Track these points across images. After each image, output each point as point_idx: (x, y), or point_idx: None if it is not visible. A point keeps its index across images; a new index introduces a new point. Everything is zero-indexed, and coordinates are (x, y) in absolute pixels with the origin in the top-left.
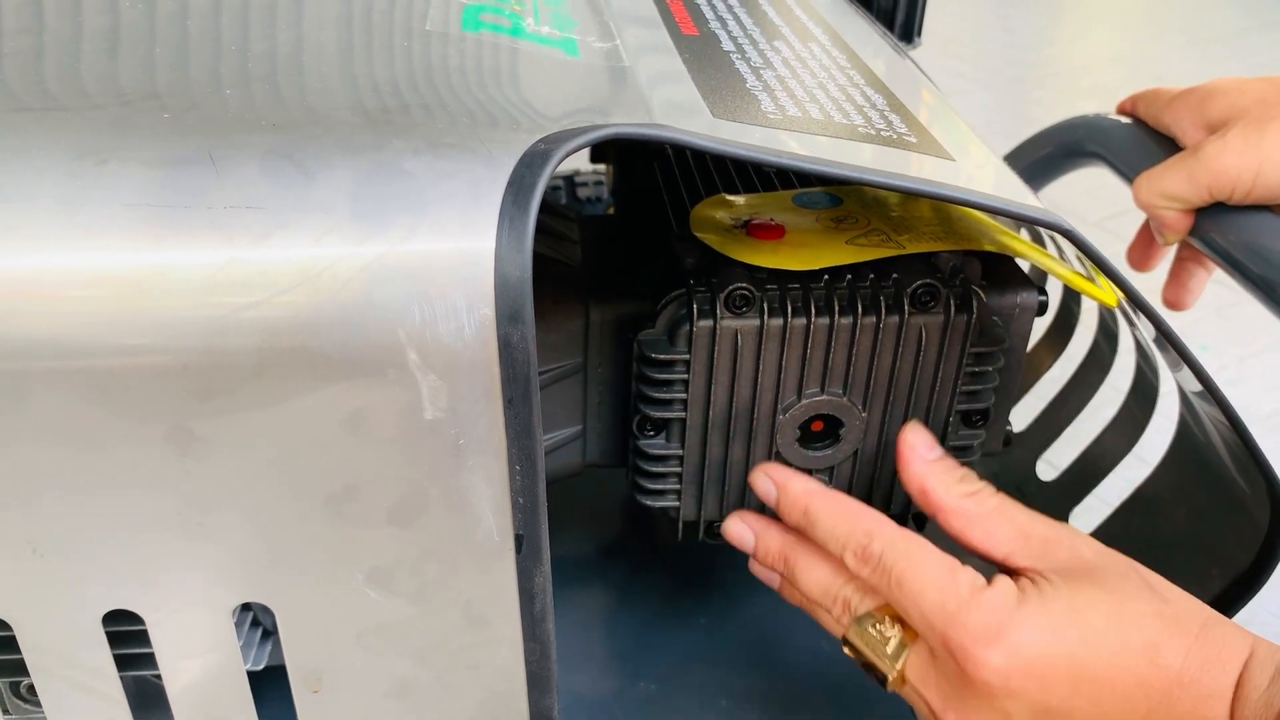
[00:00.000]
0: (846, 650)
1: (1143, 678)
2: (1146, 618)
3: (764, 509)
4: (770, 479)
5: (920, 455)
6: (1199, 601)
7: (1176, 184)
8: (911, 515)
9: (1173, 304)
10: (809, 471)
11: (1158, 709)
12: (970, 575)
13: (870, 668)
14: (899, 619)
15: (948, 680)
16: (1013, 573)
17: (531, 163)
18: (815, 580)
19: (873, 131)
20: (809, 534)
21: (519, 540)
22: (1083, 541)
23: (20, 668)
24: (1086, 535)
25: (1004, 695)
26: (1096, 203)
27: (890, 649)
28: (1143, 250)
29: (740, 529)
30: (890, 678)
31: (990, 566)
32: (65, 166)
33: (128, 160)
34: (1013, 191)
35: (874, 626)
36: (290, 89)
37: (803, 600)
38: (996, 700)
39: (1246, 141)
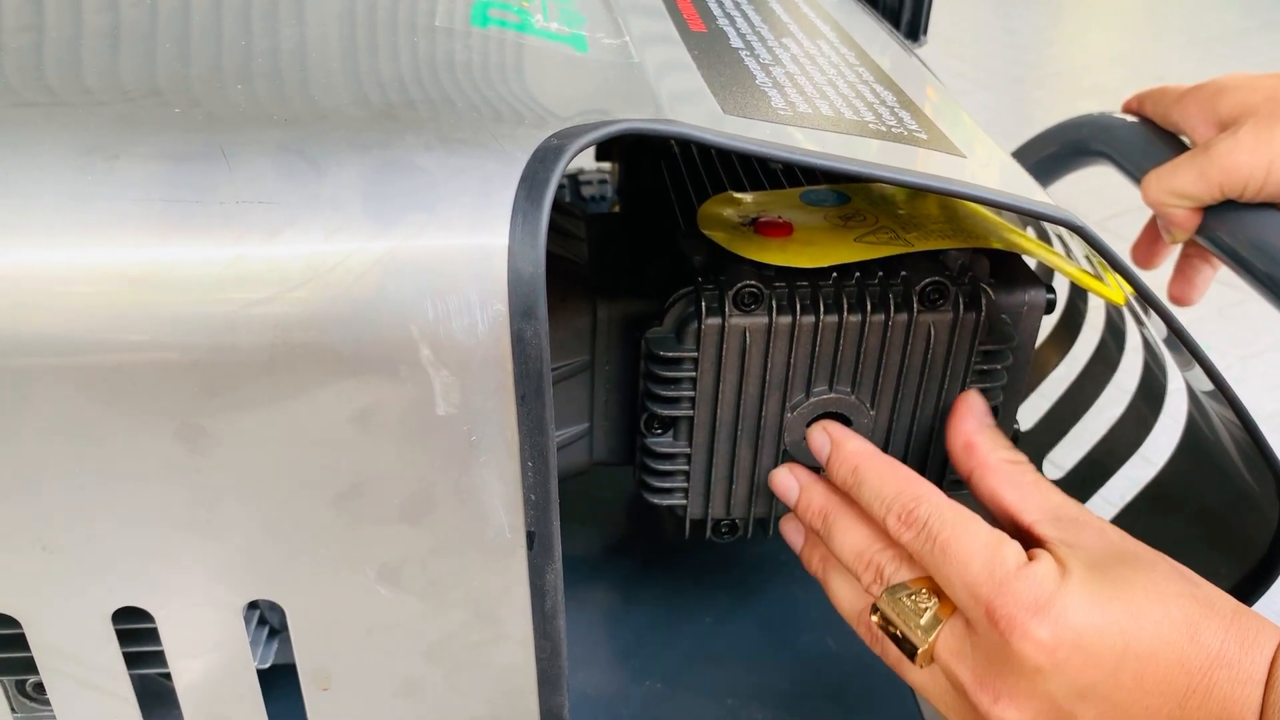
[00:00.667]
0: (874, 618)
1: (1184, 655)
2: (1183, 597)
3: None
4: (827, 434)
5: (975, 416)
6: (1224, 592)
7: (1187, 181)
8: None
9: (1178, 300)
10: (816, 471)
11: (1197, 689)
12: (1016, 548)
13: (900, 640)
14: (936, 592)
15: (986, 656)
16: (1038, 542)
17: (544, 158)
18: (852, 542)
19: (883, 128)
20: (855, 493)
21: (531, 537)
22: (1109, 527)
23: (27, 665)
24: (1114, 525)
25: (1049, 671)
26: (1099, 202)
27: (924, 620)
28: (1147, 248)
29: (787, 480)
30: (920, 650)
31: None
32: (75, 162)
33: (138, 156)
34: (1024, 188)
35: (909, 596)
36: (300, 85)
37: (821, 567)
38: (1040, 677)
39: (1258, 138)
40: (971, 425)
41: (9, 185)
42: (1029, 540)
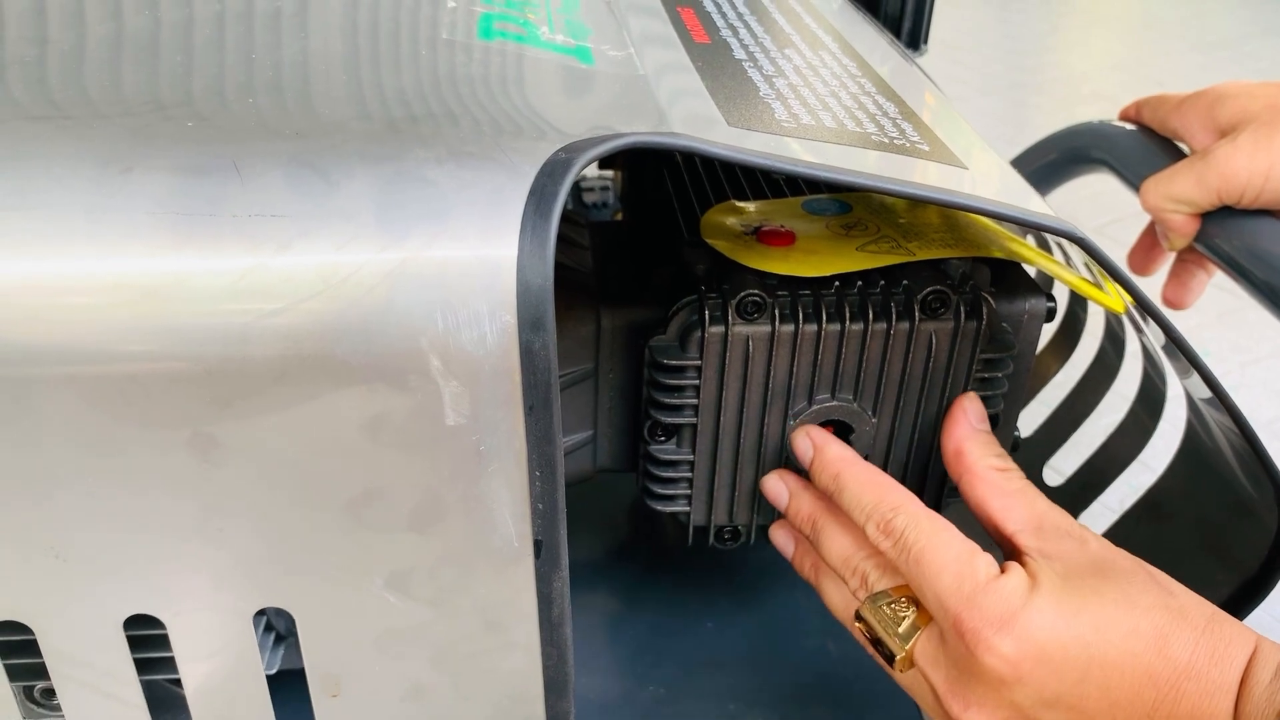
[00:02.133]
0: (857, 625)
1: (1151, 667)
2: (1154, 609)
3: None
4: (810, 439)
5: (969, 420)
6: (1203, 598)
7: (1185, 187)
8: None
9: (1173, 303)
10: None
11: (1165, 700)
12: (988, 561)
13: (879, 644)
14: (915, 600)
15: (956, 666)
16: (1017, 553)
17: (553, 172)
18: (839, 549)
19: (886, 140)
20: (836, 499)
21: (538, 545)
22: (1092, 536)
23: (36, 671)
24: (1096, 533)
25: (1014, 682)
26: (1097, 209)
27: (903, 629)
28: (1144, 254)
29: (778, 486)
30: (899, 656)
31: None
32: (90, 174)
33: (152, 168)
34: (1023, 198)
35: (889, 605)
36: (310, 98)
37: (813, 572)
38: (1006, 688)
39: (1257, 145)
40: (964, 430)
41: (24, 196)
42: (1010, 549)
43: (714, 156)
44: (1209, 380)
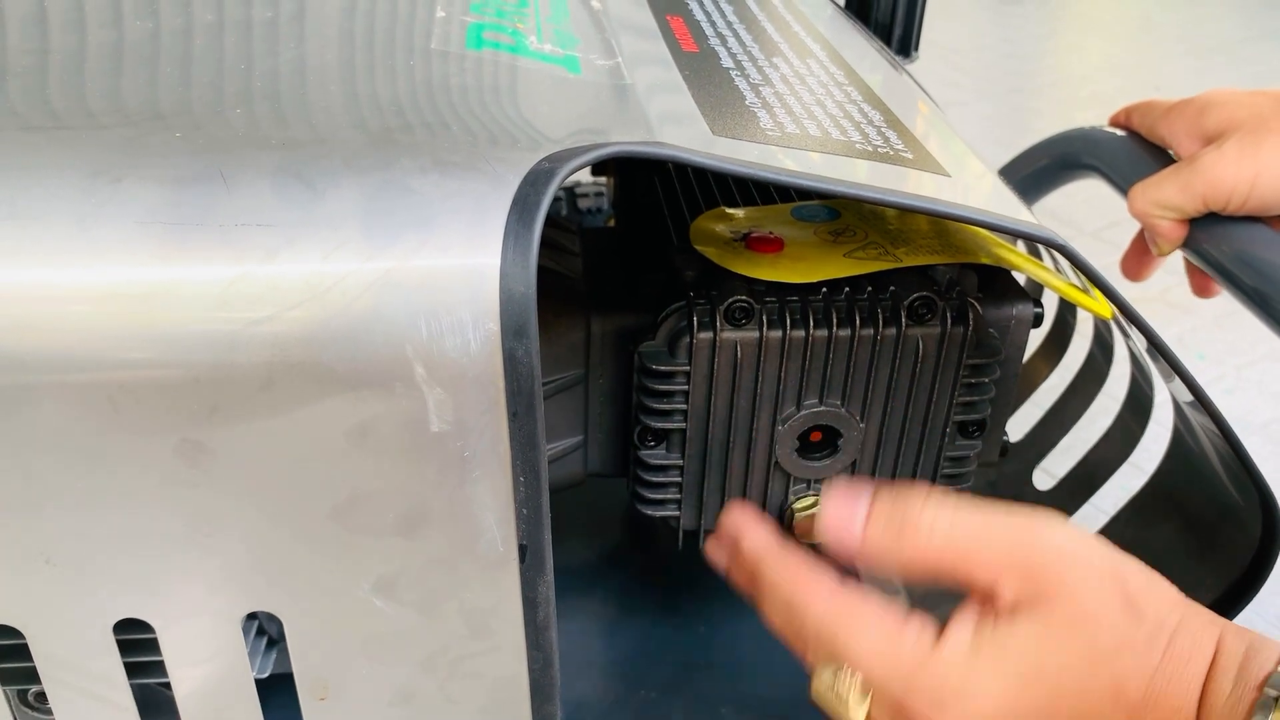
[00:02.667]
0: (813, 695)
1: (1107, 717)
2: (1112, 654)
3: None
4: (736, 524)
5: (852, 534)
6: (1174, 599)
7: (1172, 193)
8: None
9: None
10: (807, 483)
11: None
12: (916, 631)
13: (836, 716)
14: None
15: None
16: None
17: (536, 181)
18: (778, 621)
19: (870, 148)
20: (758, 602)
21: (523, 550)
22: (1050, 545)
23: (29, 675)
24: (1055, 527)
25: None
26: (1093, 212)
27: (852, 699)
28: (1136, 260)
29: (717, 553)
30: None
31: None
32: (80, 184)
33: (141, 178)
34: (1007, 207)
35: (835, 673)
36: (298, 108)
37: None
38: None
39: (1243, 153)
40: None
41: (15, 206)
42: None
43: (696, 165)
44: (1190, 384)
